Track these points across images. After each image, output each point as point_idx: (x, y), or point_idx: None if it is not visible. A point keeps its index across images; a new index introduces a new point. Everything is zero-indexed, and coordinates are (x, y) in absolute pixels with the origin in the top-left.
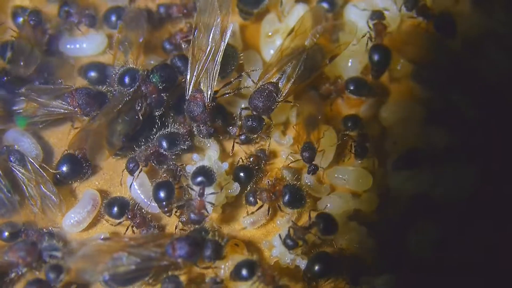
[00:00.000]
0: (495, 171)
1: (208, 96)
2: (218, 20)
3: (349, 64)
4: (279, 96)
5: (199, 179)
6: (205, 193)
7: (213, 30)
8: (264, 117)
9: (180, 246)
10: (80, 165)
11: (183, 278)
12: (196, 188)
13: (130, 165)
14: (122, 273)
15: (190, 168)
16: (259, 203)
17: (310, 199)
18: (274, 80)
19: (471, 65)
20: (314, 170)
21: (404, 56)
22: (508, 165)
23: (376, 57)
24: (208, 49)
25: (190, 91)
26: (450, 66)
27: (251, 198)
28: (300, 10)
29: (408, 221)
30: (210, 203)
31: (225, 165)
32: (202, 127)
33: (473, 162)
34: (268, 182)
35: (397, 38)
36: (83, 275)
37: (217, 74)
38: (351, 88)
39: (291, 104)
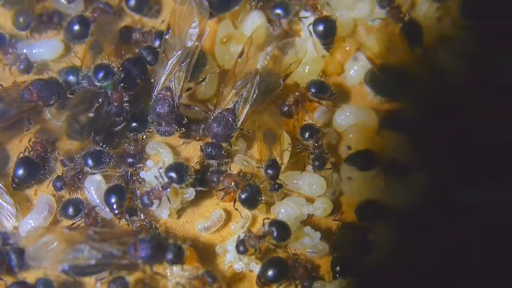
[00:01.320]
0: (448, 176)
1: (178, 97)
2: (196, 23)
3: (306, 71)
4: (237, 122)
5: (171, 174)
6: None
7: (189, 32)
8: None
9: (142, 247)
10: (37, 168)
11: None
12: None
13: (57, 184)
14: (81, 266)
15: (144, 174)
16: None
17: (264, 204)
18: (231, 106)
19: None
20: (277, 188)
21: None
22: (461, 170)
23: (320, 28)
24: (181, 51)
25: (158, 89)
26: (407, 71)
27: (214, 178)
28: (255, 17)
29: (363, 227)
30: (168, 198)
31: None
32: (166, 127)
33: (426, 167)
34: (240, 173)
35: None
36: (42, 262)
37: (188, 76)
38: (313, 90)
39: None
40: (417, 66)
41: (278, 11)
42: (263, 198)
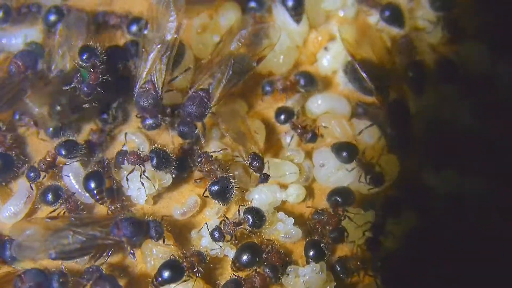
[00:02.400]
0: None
1: (160, 89)
2: (173, 16)
3: (280, 60)
4: (210, 101)
5: (154, 162)
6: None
7: (167, 25)
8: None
9: (124, 225)
10: (12, 161)
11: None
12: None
13: (31, 174)
14: (68, 251)
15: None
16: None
17: (238, 190)
18: (205, 86)
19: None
20: (265, 179)
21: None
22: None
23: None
24: (161, 44)
25: (141, 83)
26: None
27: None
28: (229, 9)
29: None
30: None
31: None
32: (149, 119)
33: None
34: (218, 162)
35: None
36: (29, 253)
37: (169, 68)
38: (302, 83)
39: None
40: (391, 58)
41: (252, 4)
42: (233, 194)
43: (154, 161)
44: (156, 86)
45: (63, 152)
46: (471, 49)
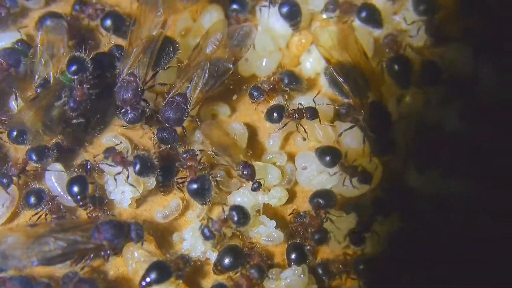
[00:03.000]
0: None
1: (142, 82)
2: (160, 12)
3: (263, 63)
4: (188, 106)
5: (137, 167)
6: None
7: (153, 21)
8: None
9: (105, 228)
10: None
11: None
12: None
13: (3, 180)
14: (49, 257)
15: (103, 166)
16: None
17: (222, 192)
18: (183, 90)
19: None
20: (258, 187)
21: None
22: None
23: (285, 9)
24: (146, 38)
25: (123, 76)
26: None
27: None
28: (212, 11)
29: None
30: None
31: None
32: (131, 112)
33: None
34: (200, 161)
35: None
36: (13, 262)
37: (152, 62)
38: (286, 81)
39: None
40: (370, 62)
41: (235, 6)
42: (212, 194)
43: (137, 167)
44: (138, 78)
45: (34, 157)
46: (455, 52)
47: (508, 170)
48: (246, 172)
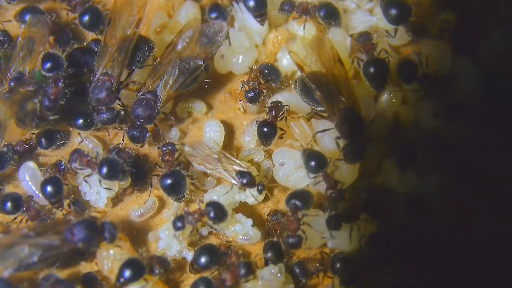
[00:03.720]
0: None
1: (117, 80)
2: (135, 11)
3: (240, 60)
4: (158, 104)
5: (103, 171)
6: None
7: (128, 20)
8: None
9: (78, 230)
10: None
11: None
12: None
13: None
14: (26, 265)
15: (75, 165)
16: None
17: (198, 190)
18: (154, 88)
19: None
20: (262, 189)
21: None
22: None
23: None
24: (121, 38)
25: (97, 76)
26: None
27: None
28: (189, 7)
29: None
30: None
31: None
32: (105, 112)
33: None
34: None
35: None
36: None
37: (127, 60)
38: (265, 72)
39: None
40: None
41: (214, 15)
42: (185, 190)
43: (104, 171)
44: (113, 77)
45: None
46: (432, 49)
47: (485, 167)
48: (245, 181)
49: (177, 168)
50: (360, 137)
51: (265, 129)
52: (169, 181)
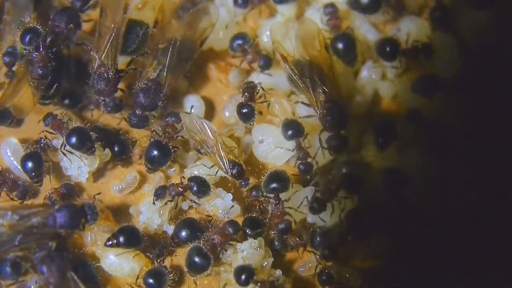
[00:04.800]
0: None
1: (111, 68)
2: None
3: (220, 36)
4: (161, 90)
5: (72, 140)
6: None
7: (116, 7)
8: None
9: (59, 216)
10: None
11: None
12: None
13: None
14: (6, 248)
15: (55, 142)
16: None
17: (177, 164)
18: (154, 75)
19: None
20: (246, 184)
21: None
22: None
23: None
24: (112, 25)
25: (95, 68)
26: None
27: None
28: None
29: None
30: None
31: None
32: (108, 100)
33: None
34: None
35: None
36: None
37: (119, 47)
38: (262, 64)
39: None
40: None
41: None
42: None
43: (73, 140)
44: (109, 68)
45: None
46: (412, 25)
47: (465, 143)
48: (235, 172)
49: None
50: (343, 129)
51: (244, 110)
52: (155, 153)
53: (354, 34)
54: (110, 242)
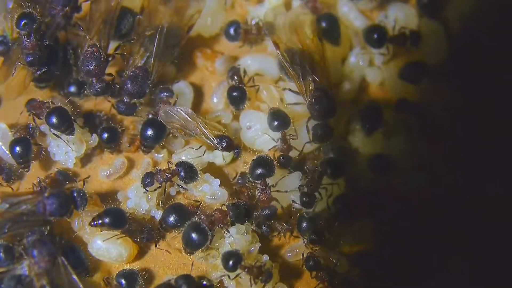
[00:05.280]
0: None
1: (104, 50)
2: None
3: (208, 22)
4: (149, 78)
5: (52, 120)
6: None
7: None
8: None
9: (49, 203)
10: None
11: None
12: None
13: None
14: None
15: (44, 127)
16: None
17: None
18: (141, 62)
19: None
20: (239, 152)
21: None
22: None
23: None
24: (105, 11)
25: (85, 49)
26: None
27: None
28: None
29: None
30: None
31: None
32: (97, 82)
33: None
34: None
35: None
36: None
37: (112, 33)
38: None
39: None
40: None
41: None
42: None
43: (53, 120)
44: (101, 48)
45: None
46: (399, 11)
47: (450, 129)
48: (224, 144)
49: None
50: (330, 119)
51: (235, 93)
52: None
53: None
54: (95, 222)
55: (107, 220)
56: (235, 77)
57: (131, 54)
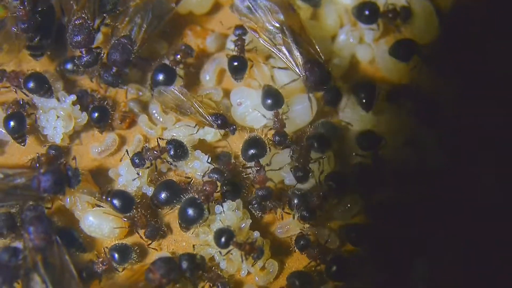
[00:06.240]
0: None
1: (91, 21)
2: None
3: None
4: (133, 47)
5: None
6: None
7: None
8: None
9: (44, 180)
10: None
11: None
12: None
13: None
14: None
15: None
16: None
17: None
18: (126, 32)
19: None
20: (234, 130)
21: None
22: None
23: None
24: None
25: (73, 20)
26: None
27: None
28: None
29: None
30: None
31: (72, 97)
32: (86, 54)
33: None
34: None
35: None
36: None
37: (97, 7)
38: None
39: None
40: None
41: None
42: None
43: (30, 84)
44: (88, 19)
45: None
46: None
47: (440, 107)
48: (220, 122)
49: None
50: (328, 85)
51: (235, 63)
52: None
53: None
54: (104, 197)
55: (115, 200)
56: (239, 42)
57: (117, 24)
